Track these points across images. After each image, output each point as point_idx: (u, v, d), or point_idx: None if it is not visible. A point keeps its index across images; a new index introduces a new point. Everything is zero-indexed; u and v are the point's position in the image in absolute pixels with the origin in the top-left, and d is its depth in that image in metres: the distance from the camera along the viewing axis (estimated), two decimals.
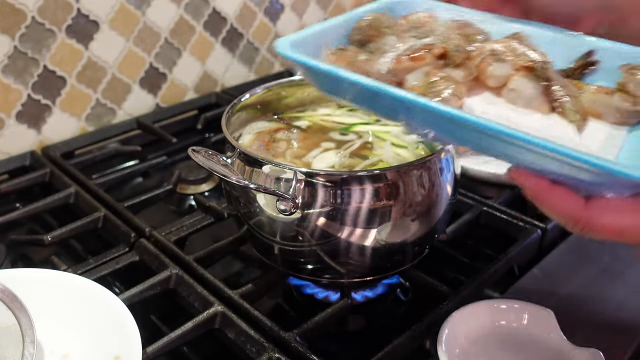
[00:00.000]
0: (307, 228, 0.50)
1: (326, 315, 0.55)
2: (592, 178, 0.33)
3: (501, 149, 0.36)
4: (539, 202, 0.36)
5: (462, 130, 0.37)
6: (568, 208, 0.35)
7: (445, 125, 0.38)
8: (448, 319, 0.50)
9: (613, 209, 0.34)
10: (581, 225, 0.35)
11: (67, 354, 0.49)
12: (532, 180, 0.35)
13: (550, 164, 0.34)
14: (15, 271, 0.54)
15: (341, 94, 0.43)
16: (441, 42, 0.45)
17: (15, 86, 0.84)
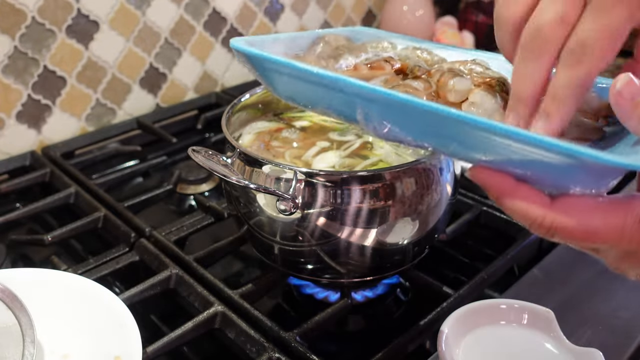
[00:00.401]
0: (307, 228, 0.50)
1: (326, 315, 0.55)
2: (559, 168, 0.31)
3: (464, 142, 0.34)
4: (502, 201, 0.33)
5: (422, 124, 0.35)
6: (532, 207, 0.32)
7: (404, 119, 0.36)
8: (448, 319, 0.50)
9: (581, 209, 0.31)
10: (546, 226, 0.32)
11: (67, 354, 0.49)
12: (496, 178, 0.33)
13: (514, 155, 0.32)
14: (15, 271, 0.54)
15: (297, 93, 0.41)
16: (400, 59, 0.45)
17: (16, 86, 0.84)
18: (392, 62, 0.44)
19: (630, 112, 0.32)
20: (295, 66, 0.38)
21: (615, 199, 0.32)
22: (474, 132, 0.32)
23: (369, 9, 1.31)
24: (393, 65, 0.44)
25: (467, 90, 0.43)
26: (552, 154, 0.30)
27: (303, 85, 0.40)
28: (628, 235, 0.31)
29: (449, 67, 0.45)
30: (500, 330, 0.51)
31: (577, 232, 0.31)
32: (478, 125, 0.31)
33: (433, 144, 0.36)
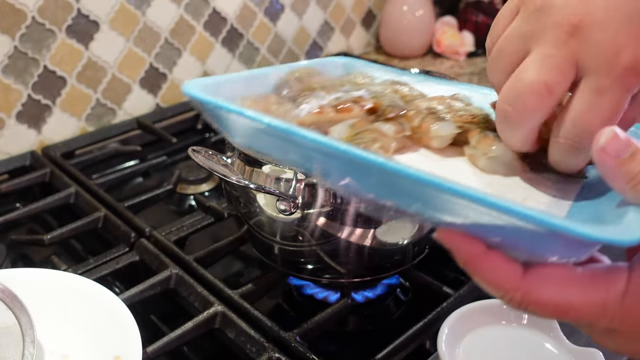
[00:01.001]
0: (307, 228, 0.50)
1: (326, 315, 0.55)
2: (533, 237, 0.28)
3: (429, 203, 0.31)
4: (470, 269, 0.30)
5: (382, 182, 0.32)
6: (503, 278, 0.29)
7: (362, 176, 0.32)
8: (448, 319, 0.50)
9: (556, 282, 0.28)
10: (518, 300, 0.29)
11: (67, 354, 0.49)
12: (465, 243, 0.30)
13: (483, 220, 0.28)
14: (16, 271, 0.54)
15: (252, 142, 0.39)
16: (373, 97, 0.42)
17: (16, 86, 0.84)
18: (362, 102, 0.41)
19: (615, 171, 0.29)
20: (244, 114, 0.35)
21: (596, 271, 0.29)
22: (438, 194, 0.29)
23: (369, 9, 1.31)
24: (363, 105, 0.40)
25: (451, 136, 0.40)
26: (523, 222, 0.27)
27: (257, 135, 0.37)
28: (610, 313, 0.28)
29: (427, 106, 0.42)
30: (500, 330, 0.51)
31: (552, 307, 0.28)
32: (444, 189, 0.28)
33: (396, 202, 0.33)
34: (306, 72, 0.45)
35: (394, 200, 0.33)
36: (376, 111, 0.41)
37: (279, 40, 1.15)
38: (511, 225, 0.27)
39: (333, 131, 0.39)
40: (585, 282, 0.28)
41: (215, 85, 0.41)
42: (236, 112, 0.36)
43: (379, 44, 1.33)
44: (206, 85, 0.40)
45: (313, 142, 0.32)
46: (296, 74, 0.45)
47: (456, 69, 1.25)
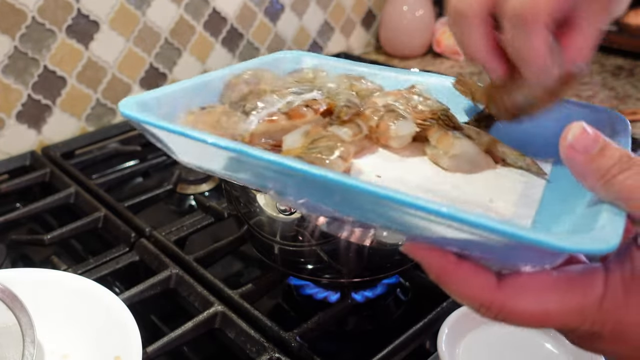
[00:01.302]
0: (307, 228, 0.50)
1: (326, 315, 0.55)
2: (504, 249, 0.27)
3: (393, 218, 0.29)
4: (443, 283, 0.29)
5: (343, 199, 0.30)
6: (477, 291, 0.28)
7: (320, 193, 0.31)
8: (448, 319, 0.50)
9: (532, 290, 0.27)
10: (494, 312, 0.28)
11: (67, 354, 0.49)
12: (435, 256, 0.28)
13: (452, 234, 0.27)
14: (15, 271, 0.54)
15: (202, 162, 0.36)
16: (327, 97, 0.40)
17: (16, 86, 0.84)
18: (314, 105, 0.39)
19: (585, 168, 0.28)
20: (187, 135, 0.33)
21: (572, 276, 0.28)
22: (402, 210, 0.28)
23: (369, 9, 1.31)
24: (317, 109, 0.39)
25: (411, 134, 0.39)
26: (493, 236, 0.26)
27: (205, 154, 0.35)
28: (590, 317, 0.27)
29: (384, 103, 0.40)
30: (500, 330, 0.51)
31: (529, 317, 0.27)
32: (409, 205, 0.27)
33: (357, 217, 0.32)
34: (254, 73, 0.42)
35: (357, 216, 0.31)
36: (331, 112, 0.39)
37: (279, 40, 1.15)
38: (480, 239, 0.26)
39: (286, 140, 0.36)
40: (561, 289, 0.27)
41: (155, 100, 0.38)
42: (178, 133, 0.33)
43: (379, 44, 1.33)
44: (144, 103, 0.37)
45: (264, 162, 0.30)
46: (244, 76, 0.42)
47: (456, 69, 1.25)
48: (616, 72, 1.19)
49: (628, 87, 1.10)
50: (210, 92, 0.43)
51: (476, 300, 0.28)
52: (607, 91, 1.09)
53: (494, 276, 0.28)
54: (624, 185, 0.27)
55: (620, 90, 1.09)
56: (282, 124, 0.38)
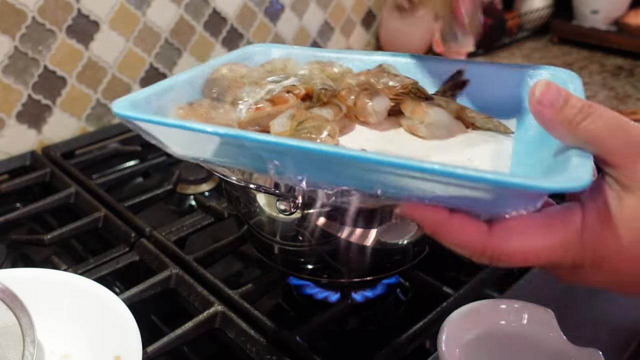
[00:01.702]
0: (307, 228, 0.50)
1: (326, 315, 0.55)
2: (491, 197, 0.30)
3: (389, 183, 0.32)
4: (439, 235, 0.32)
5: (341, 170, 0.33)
6: (471, 238, 0.31)
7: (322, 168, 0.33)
8: (448, 319, 0.50)
9: (520, 231, 0.30)
10: (488, 255, 0.31)
11: (67, 354, 0.49)
12: (429, 212, 0.31)
13: (443, 190, 0.30)
14: (16, 271, 0.54)
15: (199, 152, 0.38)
16: (303, 83, 0.42)
17: (16, 86, 0.84)
18: (294, 90, 0.41)
19: (553, 119, 0.31)
20: (190, 128, 0.35)
21: (553, 215, 0.31)
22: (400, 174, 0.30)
23: (369, 9, 1.31)
24: (298, 94, 0.41)
25: (386, 109, 0.42)
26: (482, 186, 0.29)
27: (201, 145, 0.37)
28: (572, 250, 0.30)
29: (358, 83, 0.43)
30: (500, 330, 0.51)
31: (520, 256, 0.31)
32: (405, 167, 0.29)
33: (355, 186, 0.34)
34: (229, 67, 0.45)
35: (355, 185, 0.34)
36: (310, 96, 0.41)
37: (279, 41, 1.15)
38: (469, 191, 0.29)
39: (273, 125, 0.39)
40: (545, 227, 0.30)
41: (144, 100, 0.40)
42: (180, 127, 0.35)
43: (379, 44, 1.33)
44: (136, 102, 0.39)
45: (268, 144, 0.33)
46: (222, 71, 0.44)
47: None
48: (616, 72, 1.19)
49: (628, 87, 1.10)
50: (193, 87, 0.45)
51: (470, 246, 0.31)
52: (607, 91, 1.09)
53: (484, 224, 0.31)
54: (587, 130, 0.30)
55: (620, 90, 1.09)
56: (267, 111, 0.40)
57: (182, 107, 0.41)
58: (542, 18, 1.45)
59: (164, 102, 0.42)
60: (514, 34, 1.40)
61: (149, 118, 0.37)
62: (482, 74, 0.46)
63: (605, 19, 1.32)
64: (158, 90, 0.42)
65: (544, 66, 0.44)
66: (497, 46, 1.36)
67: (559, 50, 1.35)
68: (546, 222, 0.31)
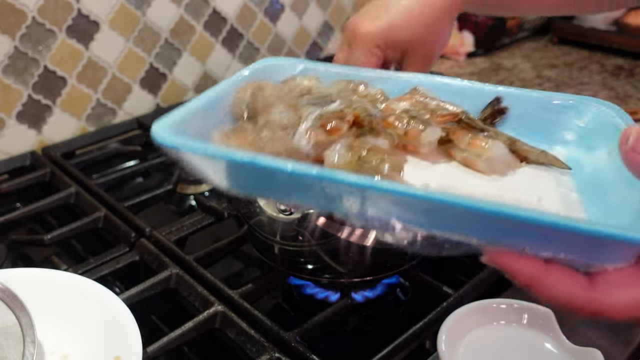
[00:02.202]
0: (307, 228, 0.50)
1: (326, 315, 0.55)
2: (600, 249, 0.29)
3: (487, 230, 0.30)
4: (535, 289, 0.30)
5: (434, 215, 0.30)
6: (572, 293, 0.29)
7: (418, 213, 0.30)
8: (448, 319, 0.50)
9: (625, 284, 0.29)
10: (592, 310, 0.29)
11: (67, 354, 0.49)
12: (524, 264, 0.29)
13: (549, 242, 0.28)
14: (16, 271, 0.54)
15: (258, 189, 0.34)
16: (347, 107, 0.39)
17: (16, 86, 0.84)
18: (345, 117, 0.38)
19: None
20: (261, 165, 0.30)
21: None
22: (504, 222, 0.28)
23: None
24: (348, 120, 0.38)
25: (437, 139, 0.39)
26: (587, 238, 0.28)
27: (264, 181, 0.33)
28: None
29: (404, 110, 0.40)
30: (500, 330, 0.51)
31: (627, 309, 0.29)
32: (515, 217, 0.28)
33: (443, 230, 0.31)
34: (254, 86, 0.41)
35: (447, 230, 0.31)
36: (359, 123, 0.38)
37: (279, 40, 1.15)
38: (572, 242, 0.28)
39: (329, 156, 0.36)
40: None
41: (183, 123, 0.34)
42: (249, 163, 0.31)
43: None
44: (176, 127, 0.33)
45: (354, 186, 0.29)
46: (248, 91, 0.41)
47: (456, 69, 1.25)
48: (616, 72, 1.19)
49: (628, 87, 1.11)
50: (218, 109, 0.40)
51: (572, 301, 0.29)
52: (607, 91, 1.09)
53: (583, 276, 0.30)
54: None
55: (620, 90, 1.09)
56: (320, 139, 0.37)
57: (226, 133, 0.36)
58: (542, 18, 1.45)
59: (200, 125, 0.37)
60: (514, 34, 1.40)
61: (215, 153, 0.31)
62: (518, 100, 0.43)
63: (605, 19, 1.32)
64: (191, 112, 0.36)
65: (589, 98, 0.42)
66: (497, 46, 1.35)
67: (559, 50, 1.35)
68: None
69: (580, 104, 0.42)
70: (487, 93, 0.44)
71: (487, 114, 0.43)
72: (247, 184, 0.34)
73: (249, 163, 0.31)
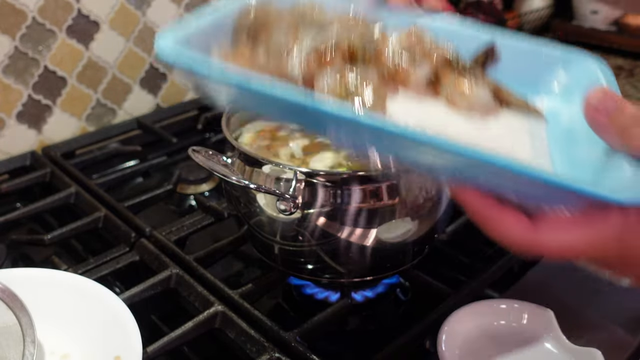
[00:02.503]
0: (307, 228, 0.50)
1: (326, 315, 0.55)
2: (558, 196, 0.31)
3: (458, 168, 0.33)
4: (485, 226, 0.33)
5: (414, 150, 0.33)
6: (517, 234, 0.32)
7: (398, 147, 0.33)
8: (448, 319, 0.50)
9: (562, 228, 0.32)
10: (533, 251, 0.32)
11: (67, 354, 0.49)
12: (482, 203, 0.33)
13: (512, 184, 0.31)
14: (16, 271, 0.54)
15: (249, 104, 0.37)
16: (343, 37, 0.41)
17: (16, 86, 0.84)
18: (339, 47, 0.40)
19: (607, 126, 0.33)
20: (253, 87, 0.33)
21: (593, 213, 0.32)
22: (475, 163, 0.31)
23: None
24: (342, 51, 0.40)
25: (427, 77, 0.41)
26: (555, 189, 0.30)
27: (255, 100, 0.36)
28: (612, 248, 0.32)
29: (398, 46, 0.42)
30: (500, 330, 0.51)
31: (562, 251, 0.32)
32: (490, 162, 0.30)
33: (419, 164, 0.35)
34: (257, 9, 0.42)
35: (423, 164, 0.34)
36: (353, 54, 0.40)
37: None
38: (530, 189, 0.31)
39: (320, 83, 0.37)
40: (585, 226, 0.31)
41: (186, 39, 0.36)
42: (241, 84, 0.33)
43: None
44: (179, 41, 0.35)
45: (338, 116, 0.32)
46: (251, 13, 0.42)
47: None
48: (616, 72, 1.19)
49: (628, 87, 1.10)
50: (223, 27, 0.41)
51: (516, 241, 0.32)
52: None
53: (528, 219, 0.32)
54: None
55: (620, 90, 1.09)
56: (312, 66, 0.39)
57: (226, 50, 0.38)
58: (542, 18, 1.45)
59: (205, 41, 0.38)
60: None
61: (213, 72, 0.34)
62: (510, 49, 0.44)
63: (605, 19, 1.32)
64: (197, 28, 0.38)
65: (577, 51, 0.43)
66: None
67: None
68: (587, 220, 0.32)
69: (567, 56, 0.43)
70: (481, 38, 0.45)
71: (478, 58, 0.44)
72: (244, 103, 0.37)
73: (242, 83, 0.33)
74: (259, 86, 0.33)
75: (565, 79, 0.43)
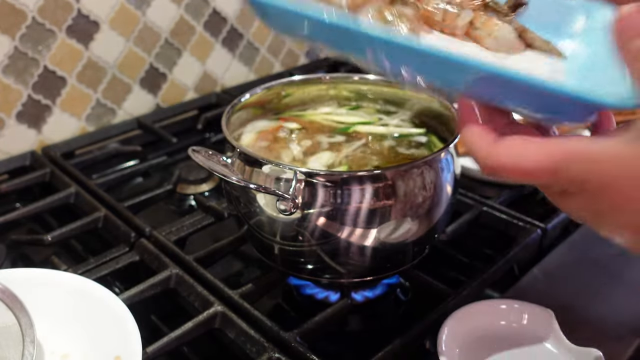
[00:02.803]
0: (307, 228, 0.50)
1: (326, 315, 0.55)
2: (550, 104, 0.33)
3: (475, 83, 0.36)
4: (461, 130, 0.36)
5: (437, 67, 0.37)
6: (480, 143, 0.34)
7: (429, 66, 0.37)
8: (448, 319, 0.50)
9: (518, 149, 0.33)
10: (489, 166, 0.34)
11: (67, 354, 0.49)
12: (465, 107, 0.36)
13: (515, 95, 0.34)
14: (16, 271, 0.54)
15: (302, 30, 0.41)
16: None
17: (16, 86, 0.84)
18: None
19: (627, 41, 0.33)
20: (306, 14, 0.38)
21: (552, 139, 0.33)
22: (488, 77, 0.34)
23: None
24: None
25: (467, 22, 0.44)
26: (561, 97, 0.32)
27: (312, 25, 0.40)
28: (563, 175, 0.32)
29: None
30: (500, 330, 0.51)
31: (513, 171, 0.33)
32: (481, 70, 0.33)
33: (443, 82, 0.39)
34: None
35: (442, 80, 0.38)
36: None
37: (279, 41, 1.15)
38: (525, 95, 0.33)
39: (362, 14, 0.42)
40: (539, 150, 0.32)
41: None
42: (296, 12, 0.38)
43: None
44: None
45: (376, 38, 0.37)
46: None
47: None
48: None
49: None
50: None
51: (476, 152, 0.35)
52: None
53: (494, 135, 0.34)
54: None
55: None
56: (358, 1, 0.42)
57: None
58: None
59: None
60: None
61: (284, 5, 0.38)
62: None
63: None
64: None
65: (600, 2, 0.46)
66: None
67: None
68: (543, 145, 0.32)
69: (591, 6, 0.45)
70: None
71: (508, 5, 0.47)
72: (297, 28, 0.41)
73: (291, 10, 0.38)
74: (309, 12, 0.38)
75: (585, 25, 0.45)
